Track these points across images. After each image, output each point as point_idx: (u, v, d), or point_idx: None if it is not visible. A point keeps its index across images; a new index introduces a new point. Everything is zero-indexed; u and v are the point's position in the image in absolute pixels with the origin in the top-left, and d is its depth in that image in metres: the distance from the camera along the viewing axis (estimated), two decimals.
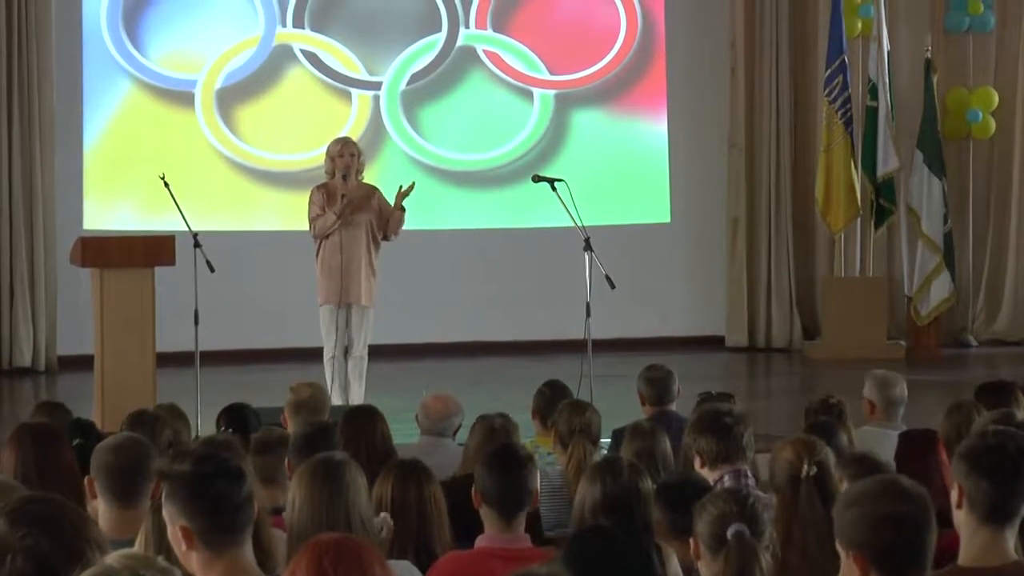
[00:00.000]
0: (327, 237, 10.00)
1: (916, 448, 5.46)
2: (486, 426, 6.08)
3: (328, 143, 10.43)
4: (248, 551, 3.54)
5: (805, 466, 4.33)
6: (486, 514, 4.54)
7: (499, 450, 4.69)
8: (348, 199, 9.94)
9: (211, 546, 3.49)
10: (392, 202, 10.11)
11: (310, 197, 10.16)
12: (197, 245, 9.62)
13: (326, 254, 10.01)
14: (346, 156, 10.09)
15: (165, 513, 3.57)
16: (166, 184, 9.83)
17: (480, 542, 4.53)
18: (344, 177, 9.99)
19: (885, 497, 3.41)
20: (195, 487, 3.51)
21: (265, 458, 5.52)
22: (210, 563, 3.49)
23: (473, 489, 4.58)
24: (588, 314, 9.74)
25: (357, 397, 9.81)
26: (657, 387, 7.09)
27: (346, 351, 10.03)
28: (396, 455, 5.60)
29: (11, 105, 13.35)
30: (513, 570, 3.11)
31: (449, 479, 5.73)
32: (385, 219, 10.08)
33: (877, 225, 14.15)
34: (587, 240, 9.72)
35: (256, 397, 7.58)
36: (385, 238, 10.15)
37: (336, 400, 9.47)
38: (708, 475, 5.00)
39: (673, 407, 7.06)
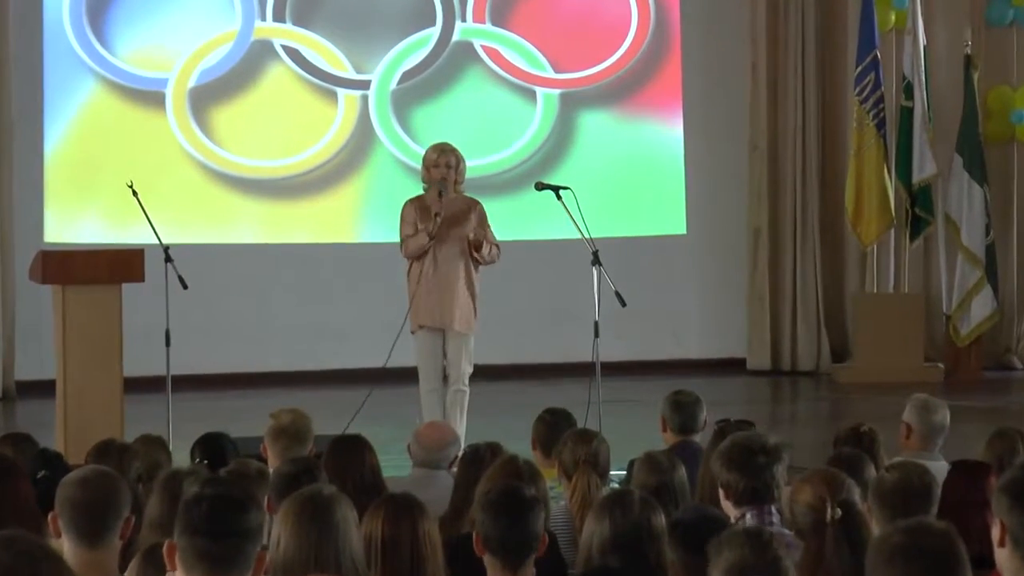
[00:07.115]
0: (420, 257, 9.69)
1: (966, 481, 5.44)
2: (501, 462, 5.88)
3: (426, 150, 10.01)
4: None
5: (829, 509, 4.25)
6: (489, 562, 4.52)
7: (502, 492, 4.64)
8: (442, 217, 9.57)
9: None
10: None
11: (402, 212, 9.83)
12: (168, 259, 9.64)
13: (418, 274, 9.69)
14: (442, 167, 9.70)
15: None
16: (134, 192, 9.84)
17: None
18: (440, 193, 9.59)
19: (902, 531, 3.42)
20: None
21: None
22: None
23: (475, 534, 4.56)
24: (596, 334, 9.74)
25: (461, 432, 9.49)
26: (683, 414, 7.06)
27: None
28: (386, 489, 5.60)
29: None
30: None
31: (446, 512, 5.74)
32: (479, 241, 9.70)
33: (912, 237, 14.18)
34: (595, 253, 9.73)
35: (234, 426, 7.60)
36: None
37: None
38: (731, 510, 4.98)
39: (697, 438, 7.02)
